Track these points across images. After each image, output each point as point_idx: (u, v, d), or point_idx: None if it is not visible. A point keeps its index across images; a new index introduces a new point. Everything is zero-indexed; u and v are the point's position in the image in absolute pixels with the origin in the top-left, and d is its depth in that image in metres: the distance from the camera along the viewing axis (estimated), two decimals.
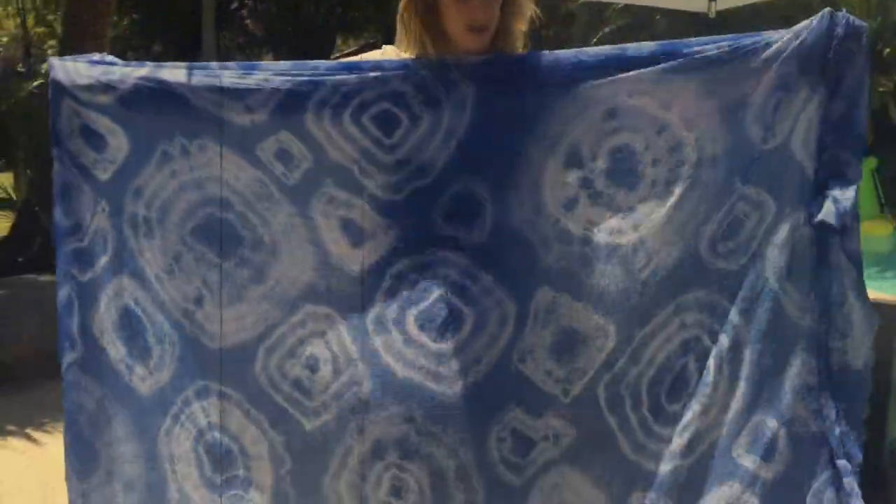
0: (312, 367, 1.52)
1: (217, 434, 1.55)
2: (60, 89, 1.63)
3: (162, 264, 1.59)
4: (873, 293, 2.64)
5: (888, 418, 2.47)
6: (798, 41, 1.40)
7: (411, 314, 1.46)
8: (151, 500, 1.62)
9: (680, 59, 1.43)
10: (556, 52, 1.50)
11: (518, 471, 1.45)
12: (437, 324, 1.45)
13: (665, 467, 1.44)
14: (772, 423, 1.43)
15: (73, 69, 1.61)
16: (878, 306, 2.36)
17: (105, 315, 1.64)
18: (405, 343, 1.46)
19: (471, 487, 1.44)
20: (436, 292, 1.45)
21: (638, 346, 1.45)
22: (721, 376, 1.44)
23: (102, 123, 1.62)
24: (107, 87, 1.58)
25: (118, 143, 1.62)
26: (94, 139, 1.63)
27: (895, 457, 2.55)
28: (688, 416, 1.44)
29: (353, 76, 1.47)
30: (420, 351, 1.45)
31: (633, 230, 1.45)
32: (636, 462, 1.45)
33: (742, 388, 1.44)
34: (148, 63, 1.60)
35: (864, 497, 2.43)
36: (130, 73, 1.57)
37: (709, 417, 1.44)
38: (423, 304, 1.46)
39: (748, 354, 1.44)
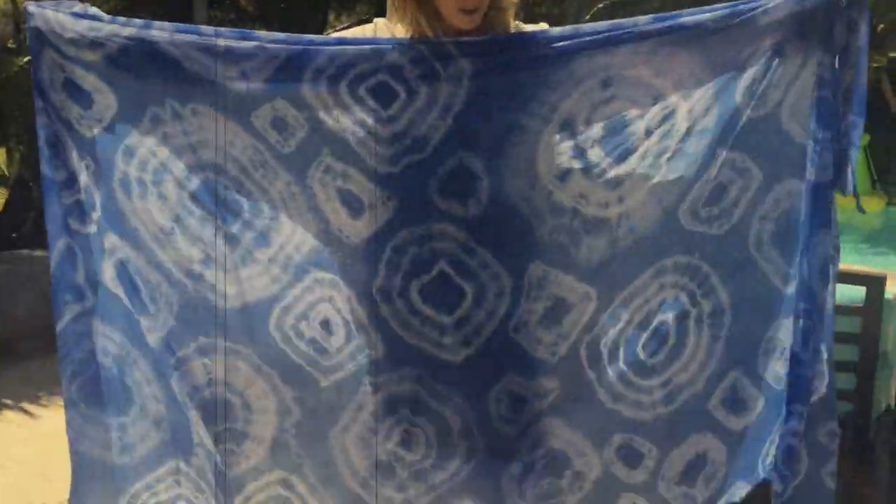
0: (327, 329, 1.55)
1: (217, 389, 1.57)
2: (41, 39, 1.57)
3: (161, 225, 1.58)
4: (862, 267, 2.67)
5: (875, 392, 2.51)
6: (797, 7, 1.40)
7: (415, 287, 1.50)
8: (176, 438, 1.63)
9: (676, 31, 1.43)
10: (553, 28, 1.50)
11: (512, 424, 1.53)
12: (439, 298, 1.50)
13: (646, 415, 1.51)
14: (745, 381, 1.50)
15: (54, 19, 1.56)
16: (866, 279, 2.40)
17: (110, 267, 1.62)
18: (411, 313, 1.51)
19: (472, 440, 1.53)
20: (436, 266, 1.49)
21: (617, 308, 1.51)
22: (701, 336, 1.50)
23: (88, 81, 1.59)
24: (93, 44, 1.54)
25: (105, 101, 1.59)
26: (79, 95, 1.60)
27: (882, 430, 2.59)
28: (670, 370, 1.50)
29: (349, 48, 1.47)
30: (425, 322, 1.51)
31: (618, 202, 1.48)
32: (615, 410, 1.52)
33: (721, 347, 1.50)
34: (136, 21, 1.55)
35: (850, 471, 2.48)
36: (118, 31, 1.53)
37: (688, 373, 1.50)
38: (426, 278, 1.50)
39: (728, 317, 1.50)
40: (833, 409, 1.45)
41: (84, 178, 1.61)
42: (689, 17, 1.43)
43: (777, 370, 1.47)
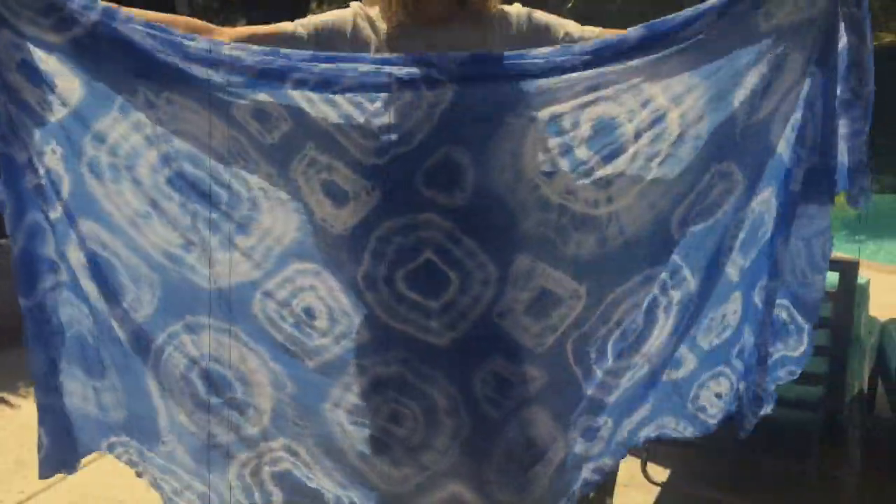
0: (309, 315, 1.56)
1: (213, 363, 1.58)
2: None
3: (136, 210, 1.56)
4: (836, 253, 2.70)
5: (848, 375, 2.54)
6: (798, 16, 1.39)
7: (400, 274, 1.50)
8: (140, 427, 1.63)
9: (669, 42, 1.41)
10: (541, 48, 1.47)
11: (498, 406, 1.54)
12: (424, 284, 1.50)
13: (610, 396, 1.57)
14: (684, 349, 1.60)
15: None
16: (839, 265, 2.44)
17: (77, 254, 1.59)
18: (396, 300, 1.51)
19: (458, 419, 1.54)
20: (422, 255, 1.49)
21: (606, 309, 1.53)
22: (667, 324, 1.54)
23: (49, 64, 1.52)
24: (57, 26, 1.47)
25: (69, 85, 1.53)
26: (38, 77, 1.53)
27: (853, 413, 2.63)
28: (638, 354, 1.56)
29: (329, 67, 1.44)
30: (410, 307, 1.51)
31: (607, 202, 1.48)
32: (591, 395, 1.57)
33: (681, 330, 1.56)
34: (98, 5, 1.45)
35: (822, 453, 2.52)
36: (84, 15, 1.45)
37: (649, 355, 1.56)
38: (411, 265, 1.50)
39: (692, 306, 1.55)
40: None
41: (49, 162, 1.56)
42: (683, 28, 1.41)
43: (713, 340, 1.59)
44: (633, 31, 1.42)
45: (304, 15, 1.75)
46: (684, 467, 2.90)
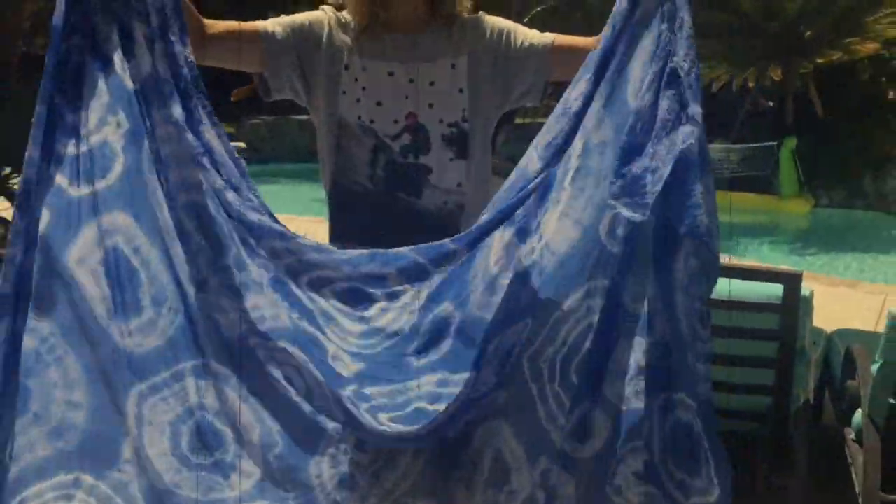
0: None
1: (209, 416, 1.45)
2: None
3: (181, 221, 1.43)
4: (780, 266, 2.75)
5: (793, 386, 2.59)
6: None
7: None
8: (86, 449, 1.42)
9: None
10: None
11: (460, 420, 1.51)
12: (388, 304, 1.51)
13: (566, 446, 1.50)
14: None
15: None
16: (783, 277, 2.48)
17: (92, 247, 1.40)
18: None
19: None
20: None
21: (553, 328, 1.48)
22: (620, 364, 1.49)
23: (139, 28, 1.40)
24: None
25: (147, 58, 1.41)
26: (127, 34, 1.39)
27: (799, 423, 2.67)
28: (588, 400, 1.49)
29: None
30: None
31: (539, 239, 1.44)
32: (547, 430, 1.51)
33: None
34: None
35: (769, 463, 2.55)
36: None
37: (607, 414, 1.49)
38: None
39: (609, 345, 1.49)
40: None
41: (109, 134, 1.40)
42: (604, 75, 1.41)
43: (620, 392, 1.48)
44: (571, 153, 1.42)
45: (282, 10, 1.79)
46: None
